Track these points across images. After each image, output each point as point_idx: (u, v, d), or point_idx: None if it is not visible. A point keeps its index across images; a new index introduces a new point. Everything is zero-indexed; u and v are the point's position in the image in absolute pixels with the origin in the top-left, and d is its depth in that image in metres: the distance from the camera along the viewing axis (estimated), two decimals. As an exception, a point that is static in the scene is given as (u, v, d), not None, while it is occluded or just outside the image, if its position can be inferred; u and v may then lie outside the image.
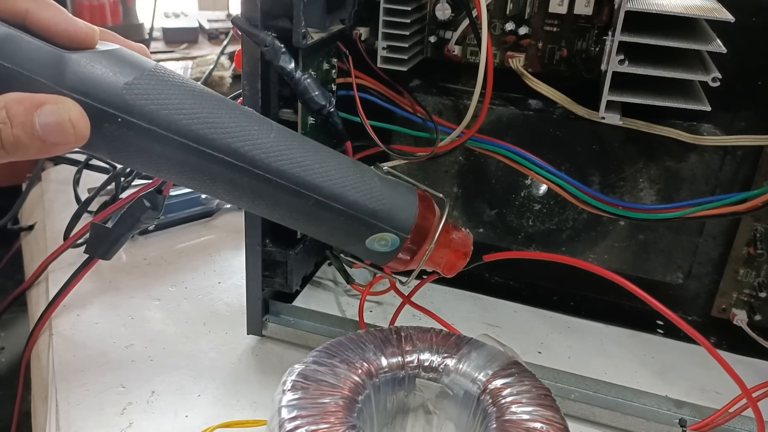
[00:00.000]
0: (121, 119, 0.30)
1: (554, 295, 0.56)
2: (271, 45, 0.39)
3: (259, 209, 0.37)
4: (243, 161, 0.33)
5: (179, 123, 0.31)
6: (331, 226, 0.38)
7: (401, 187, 0.40)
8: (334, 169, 0.37)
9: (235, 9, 1.44)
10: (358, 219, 0.38)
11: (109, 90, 0.30)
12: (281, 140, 0.35)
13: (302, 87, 0.40)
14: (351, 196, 0.37)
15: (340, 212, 0.37)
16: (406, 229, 0.39)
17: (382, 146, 0.45)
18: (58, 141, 0.29)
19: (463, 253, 0.41)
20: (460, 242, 0.41)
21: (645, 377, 0.48)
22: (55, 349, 0.49)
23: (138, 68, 0.31)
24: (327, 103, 0.41)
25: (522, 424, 0.33)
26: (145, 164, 0.33)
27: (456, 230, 0.42)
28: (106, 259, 0.41)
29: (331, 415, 0.32)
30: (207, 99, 0.33)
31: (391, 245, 0.39)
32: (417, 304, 0.49)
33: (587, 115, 0.44)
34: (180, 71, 1.00)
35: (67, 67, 0.29)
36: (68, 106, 0.29)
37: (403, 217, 0.39)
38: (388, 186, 0.39)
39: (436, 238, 0.40)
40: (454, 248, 0.41)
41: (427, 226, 0.40)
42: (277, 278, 0.48)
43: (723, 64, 0.38)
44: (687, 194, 0.48)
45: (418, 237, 0.39)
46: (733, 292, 0.51)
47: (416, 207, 0.39)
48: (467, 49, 0.49)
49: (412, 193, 0.40)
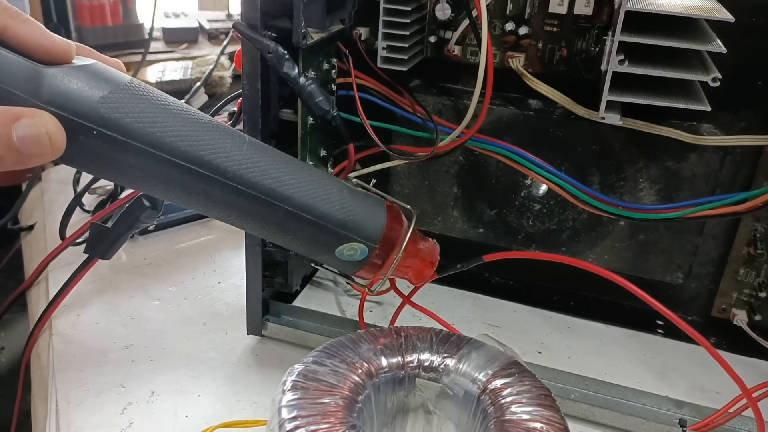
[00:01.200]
0: (96, 132, 0.31)
1: (554, 295, 0.56)
2: (275, 51, 0.39)
3: (232, 219, 0.37)
4: (216, 173, 0.34)
5: (153, 136, 0.32)
6: (302, 236, 0.39)
7: (369, 198, 0.41)
8: (305, 181, 0.38)
9: (235, 9, 1.44)
10: (328, 229, 0.38)
11: (85, 103, 0.30)
12: (253, 153, 0.36)
13: (306, 93, 0.41)
14: (321, 207, 0.38)
15: (310, 222, 0.38)
16: (374, 239, 0.40)
17: (382, 146, 0.45)
18: (35, 153, 0.29)
19: (429, 263, 0.43)
20: (427, 252, 0.43)
21: (645, 377, 0.48)
22: (55, 349, 0.49)
23: (113, 83, 0.31)
24: (331, 107, 0.42)
25: (522, 424, 0.33)
26: (120, 176, 0.33)
27: (423, 240, 0.43)
28: (106, 258, 0.41)
29: (331, 415, 0.32)
30: (180, 113, 0.33)
31: (359, 255, 0.40)
32: (417, 304, 0.49)
33: (587, 115, 0.44)
34: (180, 71, 1.00)
35: (43, 81, 0.30)
36: (45, 120, 0.29)
37: (371, 227, 0.40)
38: (357, 198, 0.40)
39: (403, 247, 0.41)
40: (421, 257, 0.43)
41: (394, 236, 0.41)
42: (277, 278, 0.48)
43: (723, 64, 0.38)
44: (687, 194, 0.48)
45: (386, 247, 0.40)
46: (733, 292, 0.51)
47: (384, 218, 0.41)
48: (467, 49, 0.49)
49: (380, 204, 0.42)
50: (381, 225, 0.40)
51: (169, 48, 1.20)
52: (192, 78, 0.97)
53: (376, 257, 0.40)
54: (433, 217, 0.55)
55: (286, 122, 0.44)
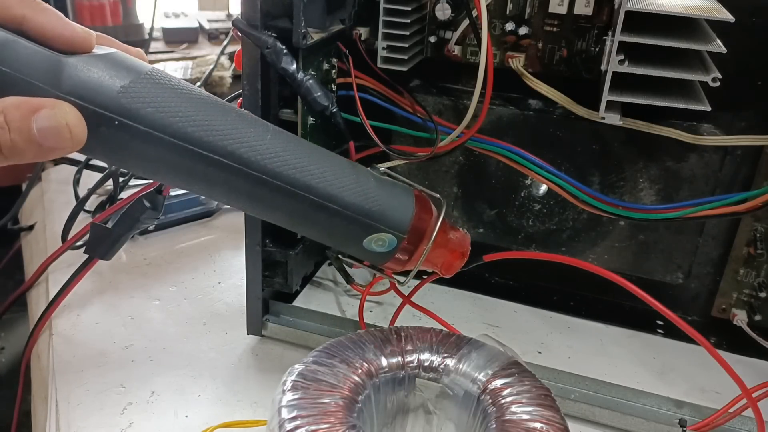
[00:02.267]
0: (118, 122, 0.30)
1: (554, 295, 0.56)
2: (273, 47, 0.39)
3: (256, 211, 0.37)
4: (239, 163, 0.33)
5: (175, 126, 0.31)
6: (328, 228, 0.38)
7: (398, 187, 0.40)
8: (330, 170, 0.37)
9: (235, 9, 1.44)
10: (355, 220, 0.38)
11: (106, 93, 0.30)
12: (277, 143, 0.35)
13: (305, 88, 0.41)
14: (347, 197, 0.37)
15: (336, 213, 0.37)
16: (402, 229, 0.39)
17: (382, 146, 0.45)
18: (55, 145, 0.29)
19: (460, 253, 0.42)
20: (458, 242, 0.42)
21: (645, 377, 0.48)
22: (55, 349, 0.49)
23: (134, 72, 0.31)
24: (330, 103, 0.41)
25: (522, 424, 0.33)
26: (141, 167, 0.33)
27: (453, 230, 0.42)
28: (106, 259, 0.41)
29: (331, 415, 0.32)
30: (203, 102, 0.33)
31: (388, 246, 0.39)
32: (417, 304, 0.49)
33: (587, 115, 0.44)
34: (180, 71, 1.00)
35: (63, 71, 0.29)
36: (65, 111, 0.29)
37: (399, 217, 0.39)
38: (385, 187, 0.39)
39: (433, 238, 0.40)
40: (451, 248, 0.41)
41: (423, 227, 0.40)
42: (277, 278, 0.48)
43: (723, 64, 0.38)
44: (687, 194, 0.48)
45: (415, 237, 0.39)
46: (733, 292, 0.51)
47: (413, 207, 0.40)
48: (467, 49, 0.49)
49: (408, 193, 0.41)
50: (409, 214, 0.39)
51: (169, 48, 1.20)
52: (192, 78, 0.97)
53: (404, 248, 0.39)
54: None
55: (286, 122, 0.44)
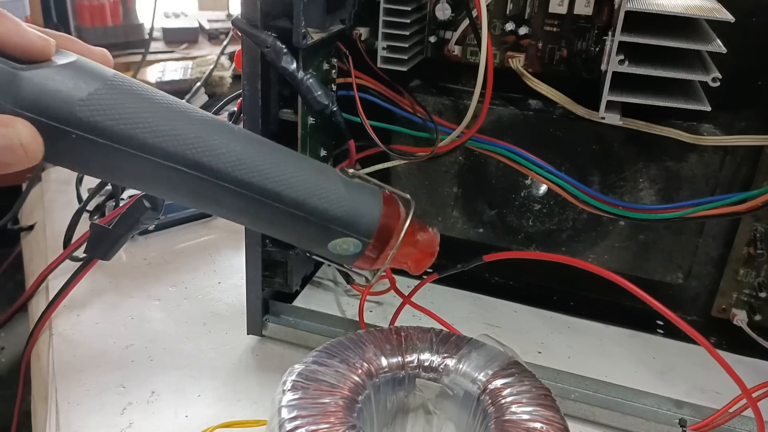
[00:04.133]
0: (76, 136, 0.30)
1: (554, 295, 0.56)
2: (273, 46, 0.39)
3: (222, 214, 0.37)
4: (202, 172, 0.33)
5: (136, 138, 0.31)
6: (292, 232, 0.38)
7: (366, 190, 0.40)
8: (295, 176, 0.37)
9: (235, 9, 1.44)
10: (320, 225, 0.38)
11: (63, 107, 0.29)
12: (242, 149, 0.35)
13: (305, 87, 0.40)
14: (312, 202, 0.37)
15: (300, 218, 0.37)
16: (368, 233, 0.39)
17: (382, 146, 0.45)
18: (9, 162, 0.29)
19: (429, 254, 0.42)
20: (426, 243, 0.42)
21: (645, 377, 0.48)
22: (55, 349, 0.49)
23: (95, 80, 0.30)
24: (330, 102, 0.41)
25: (522, 424, 0.33)
26: (107, 176, 0.33)
27: (423, 231, 0.42)
28: (106, 259, 0.41)
29: (331, 415, 0.32)
30: (167, 108, 0.32)
31: (353, 249, 0.39)
32: (417, 304, 0.49)
33: (587, 115, 0.44)
34: (180, 71, 1.00)
35: (19, 85, 0.29)
36: (18, 129, 0.28)
37: (365, 221, 0.39)
38: (352, 190, 0.39)
39: (399, 240, 0.40)
40: (420, 249, 0.42)
41: (391, 229, 0.40)
42: (277, 278, 0.48)
43: (723, 64, 0.38)
44: (687, 194, 0.48)
45: (382, 239, 0.40)
46: (733, 292, 0.51)
47: (379, 210, 0.40)
48: (467, 49, 0.49)
49: (376, 196, 0.40)
50: (375, 219, 0.39)
51: (169, 48, 1.20)
52: (192, 78, 0.97)
53: (371, 250, 0.40)
54: (433, 217, 0.55)
55: (286, 122, 0.44)
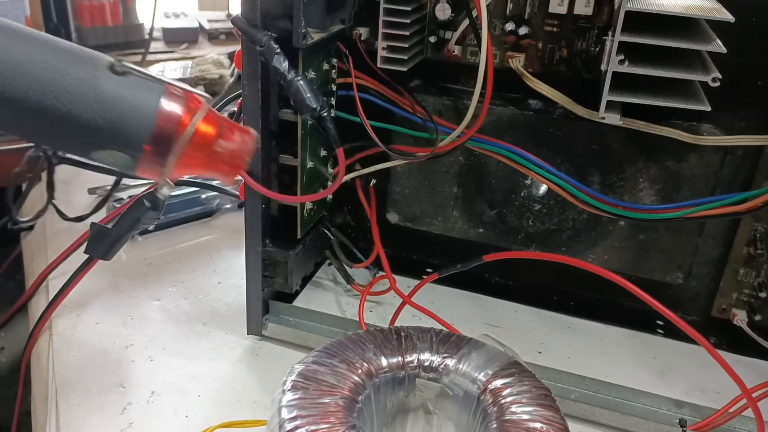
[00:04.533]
0: None
1: (554, 295, 0.56)
2: (266, 45, 0.39)
3: None
4: None
5: None
6: (53, 137, 0.34)
7: (139, 90, 0.34)
8: (28, 71, 0.32)
9: (235, 9, 1.44)
10: (78, 134, 0.33)
11: None
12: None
13: (294, 88, 0.40)
14: (50, 105, 0.32)
15: (47, 124, 0.33)
16: (134, 145, 0.34)
17: (382, 146, 0.45)
18: None
19: (231, 167, 0.37)
20: (229, 155, 0.37)
21: (645, 377, 0.48)
22: (55, 349, 0.49)
23: None
24: (318, 106, 0.40)
25: (522, 424, 0.33)
26: None
27: (226, 136, 0.37)
28: (106, 259, 0.41)
29: (331, 415, 0.32)
30: None
31: (122, 163, 0.35)
32: (417, 304, 0.49)
33: (587, 115, 0.44)
34: (180, 71, 1.00)
35: None
36: None
37: (133, 131, 0.34)
38: (121, 92, 0.34)
39: (179, 151, 0.35)
40: (222, 159, 0.37)
41: (170, 135, 0.35)
42: (277, 278, 0.48)
43: (723, 64, 0.38)
44: (687, 194, 0.48)
45: (162, 147, 0.35)
46: (733, 292, 0.51)
47: (153, 117, 0.34)
48: (467, 49, 0.49)
49: (152, 97, 0.35)
50: (147, 127, 0.34)
51: (169, 48, 1.20)
52: (192, 77, 0.97)
53: (150, 159, 0.35)
54: (433, 217, 0.55)
55: (286, 122, 0.44)
